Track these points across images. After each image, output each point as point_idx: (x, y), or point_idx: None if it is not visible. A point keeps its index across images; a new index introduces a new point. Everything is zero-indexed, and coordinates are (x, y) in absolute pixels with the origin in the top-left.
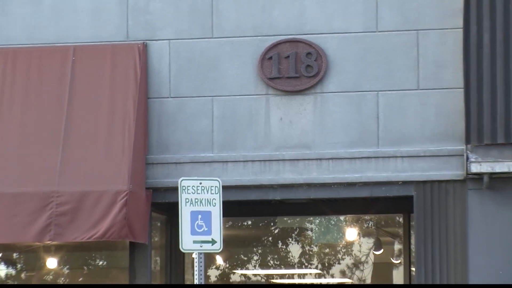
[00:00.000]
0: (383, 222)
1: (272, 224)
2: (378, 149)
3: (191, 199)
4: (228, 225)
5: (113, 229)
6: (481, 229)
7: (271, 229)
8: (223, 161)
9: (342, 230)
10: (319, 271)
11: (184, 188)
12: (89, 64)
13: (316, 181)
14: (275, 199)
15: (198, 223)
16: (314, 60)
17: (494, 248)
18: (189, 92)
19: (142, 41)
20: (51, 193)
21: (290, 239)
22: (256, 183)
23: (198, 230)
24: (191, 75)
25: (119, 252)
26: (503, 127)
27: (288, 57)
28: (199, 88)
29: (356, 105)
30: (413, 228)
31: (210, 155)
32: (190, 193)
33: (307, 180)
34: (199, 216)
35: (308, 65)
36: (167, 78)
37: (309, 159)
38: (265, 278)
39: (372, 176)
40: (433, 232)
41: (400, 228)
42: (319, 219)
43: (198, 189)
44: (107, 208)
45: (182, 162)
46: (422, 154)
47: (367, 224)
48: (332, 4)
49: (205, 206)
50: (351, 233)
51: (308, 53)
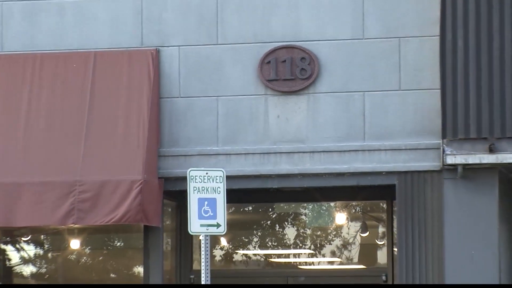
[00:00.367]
0: (369, 208)
1: (270, 210)
2: (364, 143)
3: (198, 188)
4: (231, 211)
5: (129, 214)
6: (456, 214)
7: (269, 214)
8: (227, 154)
9: (332, 215)
10: (312, 251)
11: (192, 178)
12: (108, 68)
13: (309, 172)
14: (273, 188)
15: (205, 209)
16: (308, 64)
17: (467, 231)
18: (197, 92)
19: (155, 48)
20: (74, 182)
21: (286, 223)
22: (256, 173)
23: (205, 215)
24: (198, 77)
25: (135, 234)
26: (475, 124)
27: (285, 61)
28: (206, 89)
29: (345, 104)
30: (395, 213)
31: (215, 148)
32: (198, 182)
33: (301, 171)
34: (206, 203)
35: (302, 69)
36: (177, 80)
37: (303, 152)
38: (264, 258)
39: (359, 167)
40: (413, 217)
41: (384, 213)
42: (312, 205)
43: (205, 179)
44: (124, 195)
45: (190, 155)
46: (403, 148)
47: (355, 210)
48: (324, 14)
49: (211, 194)
50: (340, 218)
51: (302, 58)
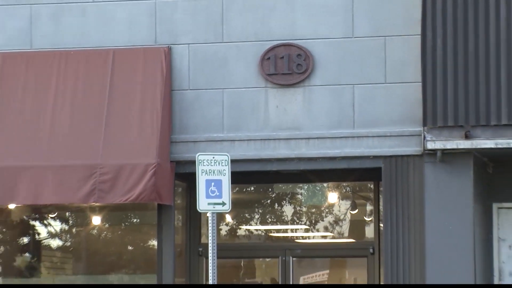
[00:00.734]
0: (358, 188)
1: (270, 190)
2: (354, 131)
3: (206, 170)
4: (235, 191)
5: (145, 193)
6: (435, 193)
7: (269, 194)
8: (231, 140)
9: (325, 195)
10: (307, 227)
11: (200, 161)
12: (125, 64)
13: (305, 156)
14: (272, 170)
15: (212, 189)
16: (303, 60)
17: (445, 208)
18: (204, 85)
19: (167, 45)
20: (96, 165)
21: (284, 202)
22: (257, 158)
23: (212, 195)
24: (206, 72)
25: (149, 212)
26: (453, 113)
27: (283, 58)
28: (212, 82)
29: (336, 96)
30: (381, 193)
31: (221, 135)
32: (205, 165)
33: (298, 155)
34: (212, 184)
35: (299, 64)
36: (187, 74)
37: (299, 139)
38: (264, 232)
39: (349, 152)
40: (397, 196)
41: (371, 193)
42: (307, 186)
43: (211, 162)
44: (140, 177)
45: (199, 141)
46: (389, 134)
47: (345, 190)
48: (318, 16)
49: (217, 176)
50: (332, 197)
51: (299, 55)
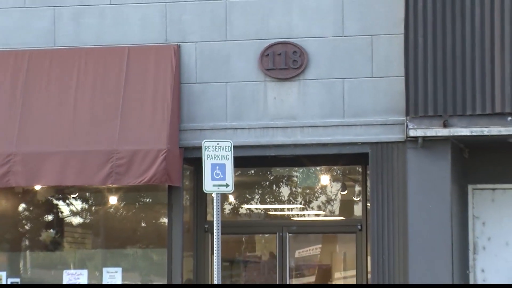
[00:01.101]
0: (347, 171)
1: (269, 173)
2: (344, 120)
3: (211, 155)
4: (237, 174)
5: (156, 176)
6: (417, 176)
7: (268, 176)
8: (234, 128)
9: (318, 177)
10: (302, 206)
11: (206, 147)
12: (139, 60)
13: (300, 143)
14: (271, 155)
15: (216, 172)
16: (299, 56)
17: (426, 189)
18: (210, 79)
19: (176, 43)
20: (112, 151)
21: (281, 183)
22: (257, 144)
23: (216, 177)
24: (211, 67)
25: (160, 192)
26: (432, 104)
27: (280, 54)
28: (217, 77)
29: (328, 89)
30: (368, 176)
31: (224, 124)
32: (211, 151)
33: (294, 142)
34: (217, 167)
35: (294, 60)
36: (194, 69)
37: (295, 127)
38: (263, 211)
39: (340, 139)
40: (383, 179)
41: (359, 176)
42: (302, 169)
43: (216, 148)
44: (152, 161)
45: (205, 129)
46: (375, 123)
47: (336, 173)
48: (311, 17)
49: (221, 160)
50: (324, 179)
51: (294, 52)
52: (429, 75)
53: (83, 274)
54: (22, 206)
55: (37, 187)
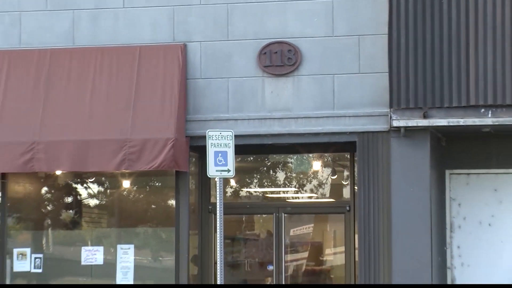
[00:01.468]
0: (337, 158)
1: (266, 159)
2: (334, 112)
3: (214, 143)
4: (238, 160)
5: (165, 162)
6: (399, 162)
7: (265, 162)
8: (235, 119)
9: (311, 163)
10: (296, 189)
11: (210, 136)
12: (150, 58)
13: (294, 132)
14: (268, 144)
15: (219, 159)
16: (293, 55)
17: (408, 174)
18: (213, 75)
19: (183, 43)
20: (125, 140)
21: (278, 169)
22: (256, 133)
23: (219, 163)
24: (214, 64)
25: (169, 177)
26: (414, 97)
27: (276, 53)
28: (219, 73)
29: (320, 84)
30: (356, 162)
31: (226, 115)
32: (214, 140)
33: (289, 131)
34: (220, 154)
35: (289, 58)
36: (199, 66)
37: (290, 118)
38: (261, 194)
39: (330, 129)
40: (369, 165)
41: (348, 162)
42: (296, 156)
43: (219, 137)
44: (161, 149)
45: (209, 120)
46: (362, 115)
47: (327, 159)
48: (305, 19)
49: (223, 148)
50: (316, 165)
51: (289, 50)
52: (411, 71)
53: (100, 251)
54: (44, 189)
55: (58, 172)
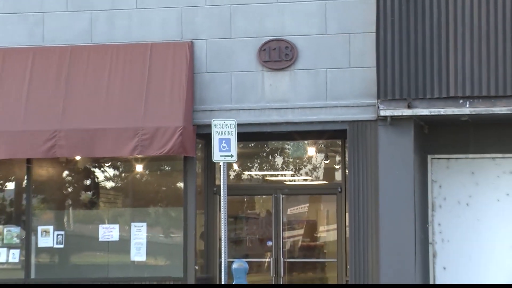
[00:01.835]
0: (330, 144)
1: (266, 146)
2: (327, 102)
3: (219, 131)
4: (240, 146)
5: (174, 148)
6: (386, 148)
7: (265, 148)
8: (237, 109)
9: (306, 149)
10: (293, 173)
11: (215, 125)
12: (160, 54)
13: (291, 121)
14: (267, 131)
15: (223, 145)
16: (290, 51)
17: (393, 159)
18: (217, 69)
19: (190, 40)
20: (138, 128)
21: (276, 154)
22: (256, 122)
23: (223, 149)
24: (218, 60)
25: (177, 162)
26: (399, 89)
27: (275, 49)
28: (223, 67)
29: (314, 77)
30: (347, 148)
31: (230, 106)
32: (218, 128)
33: (286, 120)
34: (223, 141)
35: (286, 54)
36: (205, 62)
37: (287, 108)
38: (261, 177)
39: (323, 118)
40: (359, 151)
41: (339, 148)
42: (293, 143)
43: (223, 125)
44: (170, 136)
45: (214, 110)
46: (352, 105)
47: (320, 145)
48: (300, 18)
49: (227, 135)
50: (311, 151)
51: (286, 47)
52: (396, 66)
53: (115, 228)
54: (65, 173)
55: (77, 158)
